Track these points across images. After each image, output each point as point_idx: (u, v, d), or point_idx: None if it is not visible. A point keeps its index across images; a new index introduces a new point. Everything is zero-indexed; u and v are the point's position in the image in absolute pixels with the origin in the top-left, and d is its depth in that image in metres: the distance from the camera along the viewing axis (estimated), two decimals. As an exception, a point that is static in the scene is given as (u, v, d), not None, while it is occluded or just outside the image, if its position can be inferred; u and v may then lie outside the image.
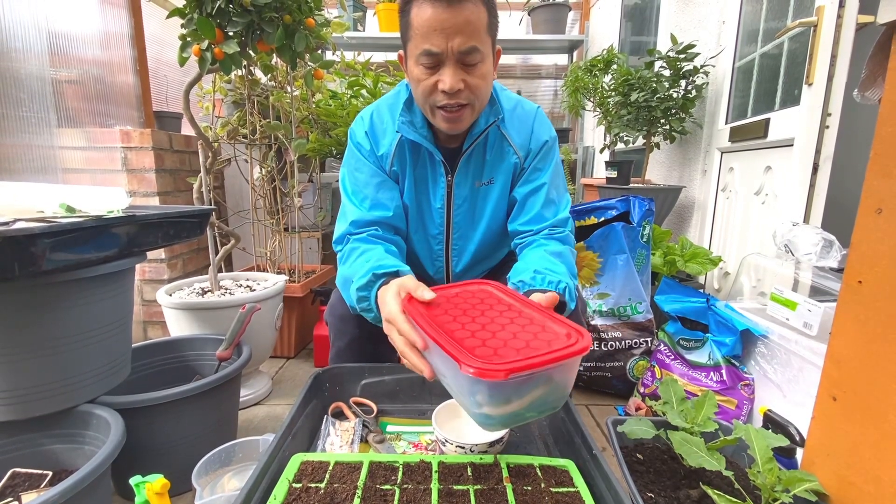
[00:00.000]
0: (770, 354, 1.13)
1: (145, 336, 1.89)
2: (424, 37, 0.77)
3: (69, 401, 0.91)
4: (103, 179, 1.76)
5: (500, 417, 0.50)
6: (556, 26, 2.73)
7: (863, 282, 0.62)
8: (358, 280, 0.78)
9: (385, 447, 0.74)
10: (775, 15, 1.58)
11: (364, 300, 0.78)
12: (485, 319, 0.57)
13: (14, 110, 1.48)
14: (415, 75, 0.82)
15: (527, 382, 0.48)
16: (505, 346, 0.51)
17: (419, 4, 0.76)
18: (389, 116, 0.95)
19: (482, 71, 0.81)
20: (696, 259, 1.62)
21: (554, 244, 0.90)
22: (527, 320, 0.57)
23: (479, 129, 0.91)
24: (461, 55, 0.77)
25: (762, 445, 0.64)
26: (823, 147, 1.32)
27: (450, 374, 0.54)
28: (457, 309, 0.60)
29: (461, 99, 0.81)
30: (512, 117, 0.96)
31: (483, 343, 0.51)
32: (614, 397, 1.55)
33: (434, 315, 0.58)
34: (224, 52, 1.29)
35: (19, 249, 0.70)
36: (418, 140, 0.90)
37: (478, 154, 0.95)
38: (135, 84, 2.05)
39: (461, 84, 0.79)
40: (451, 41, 0.76)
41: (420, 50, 0.78)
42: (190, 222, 1.08)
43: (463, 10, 0.74)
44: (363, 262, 0.81)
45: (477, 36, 0.77)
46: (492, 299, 0.64)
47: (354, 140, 0.97)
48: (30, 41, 1.53)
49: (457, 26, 0.75)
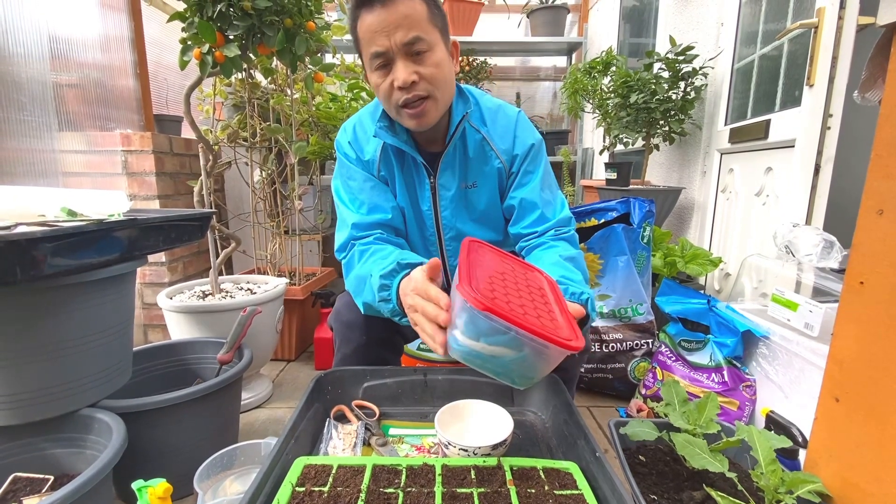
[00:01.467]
0: (772, 355, 1.13)
1: (146, 339, 1.89)
2: (370, 42, 0.81)
3: (71, 405, 0.91)
4: (104, 183, 1.76)
5: (462, 347, 0.54)
6: (555, 28, 2.74)
7: (864, 283, 0.62)
8: (381, 269, 0.78)
9: (388, 450, 0.74)
10: (774, 17, 1.59)
11: (385, 289, 0.77)
12: (518, 289, 0.59)
13: (15, 114, 1.49)
14: (374, 82, 0.85)
15: (497, 331, 0.50)
16: (512, 303, 0.53)
17: (361, 18, 0.82)
18: (371, 124, 0.97)
19: (433, 60, 0.83)
20: (697, 260, 1.62)
21: (564, 246, 0.90)
22: (547, 305, 0.59)
23: (453, 124, 0.92)
24: (406, 47, 0.80)
25: (765, 447, 0.64)
26: (825, 148, 1.32)
27: (455, 308, 0.56)
28: (506, 281, 0.62)
29: (419, 91, 0.83)
30: (494, 122, 0.97)
31: (505, 295, 0.55)
32: (616, 399, 1.55)
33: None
34: (225, 56, 1.29)
35: (21, 253, 0.70)
36: (397, 144, 0.92)
37: (460, 154, 0.96)
38: (135, 88, 2.05)
39: (414, 76, 0.81)
40: (393, 36, 0.79)
41: (370, 54, 0.82)
42: (191, 225, 1.08)
43: (397, 8, 0.78)
44: (383, 257, 0.82)
45: (418, 26, 0.80)
46: (537, 284, 0.65)
47: (341, 151, 0.99)
48: (31, 45, 1.54)
49: (395, 22, 0.79)
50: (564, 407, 0.77)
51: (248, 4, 1.25)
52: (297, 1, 1.34)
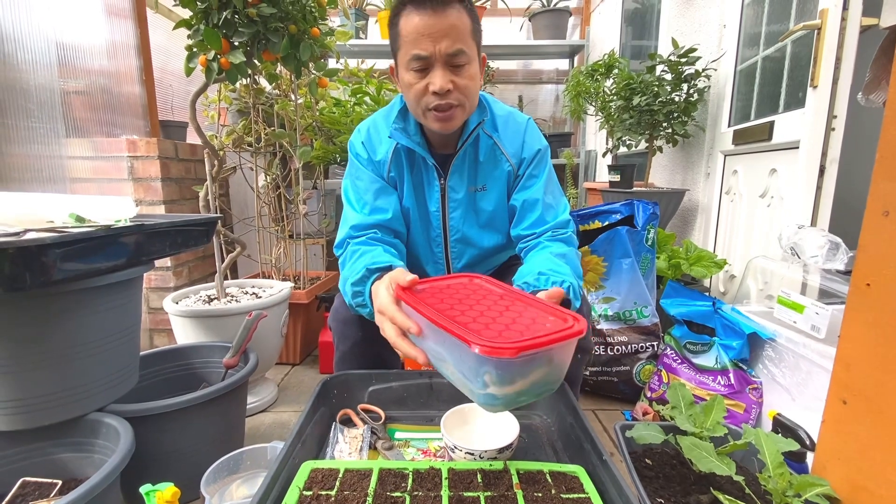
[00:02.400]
0: (778, 358, 1.12)
1: (152, 344, 1.89)
2: (413, 42, 0.82)
3: (79, 409, 0.92)
4: (110, 188, 1.78)
5: (504, 397, 0.51)
6: (557, 32, 2.75)
7: (871, 284, 0.62)
8: (353, 276, 0.81)
9: (394, 454, 0.74)
10: (777, 18, 1.59)
11: (359, 295, 0.81)
12: (482, 307, 0.58)
13: (24, 121, 1.50)
14: (406, 81, 0.87)
15: (531, 361, 0.49)
16: (507, 328, 0.52)
17: (407, 14, 0.82)
18: (385, 126, 0.99)
19: (469, 72, 0.86)
20: (701, 262, 1.61)
21: (558, 245, 0.92)
22: (522, 307, 0.58)
23: (468, 131, 0.95)
24: (449, 57, 0.83)
25: (772, 450, 0.64)
26: (830, 149, 1.32)
27: (453, 357, 0.54)
28: (452, 298, 0.61)
29: (451, 99, 0.85)
30: (505, 127, 1.00)
31: (486, 326, 0.52)
32: (621, 402, 1.55)
33: (432, 303, 0.59)
34: (230, 63, 1.30)
35: (31, 260, 0.71)
36: (411, 145, 0.95)
37: (470, 158, 0.99)
38: (141, 94, 2.07)
39: (450, 84, 0.84)
40: (439, 44, 0.81)
41: (410, 55, 0.83)
42: (197, 230, 1.09)
43: (448, 17, 0.81)
44: (361, 263, 0.84)
45: (462, 39, 0.83)
46: (483, 290, 0.65)
47: (353, 151, 1.02)
48: (39, 53, 1.55)
49: (443, 30, 0.81)
50: (570, 410, 0.77)
51: (253, 12, 1.26)
52: (301, 7, 1.35)
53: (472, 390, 0.53)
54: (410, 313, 0.61)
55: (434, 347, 0.58)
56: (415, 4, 0.81)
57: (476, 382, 0.51)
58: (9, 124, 1.45)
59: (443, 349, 0.56)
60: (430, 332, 0.57)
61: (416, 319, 0.59)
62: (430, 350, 0.59)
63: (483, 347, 0.46)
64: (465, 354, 0.49)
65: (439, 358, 0.58)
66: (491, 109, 0.99)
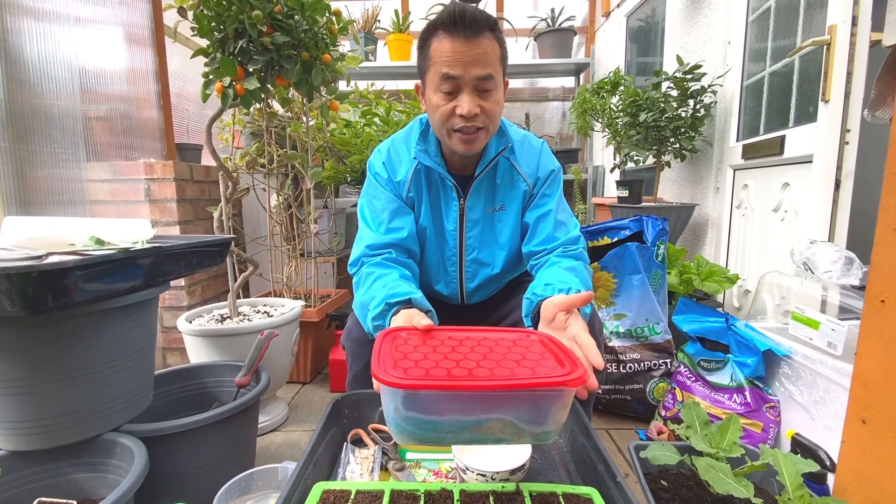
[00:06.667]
0: (795, 375, 1.10)
1: (164, 363, 1.91)
2: (444, 64, 0.85)
3: (95, 429, 0.93)
4: (127, 210, 1.82)
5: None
6: (562, 50, 2.79)
7: (885, 301, 0.61)
8: (374, 309, 0.81)
9: (405, 475, 0.74)
10: (783, 34, 1.60)
11: (380, 329, 0.80)
12: (477, 355, 0.57)
13: (47, 146, 1.56)
14: (434, 102, 0.89)
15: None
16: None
17: (439, 38, 0.85)
18: (405, 148, 1.03)
19: (496, 97, 0.89)
20: (713, 277, 1.59)
21: (568, 261, 0.93)
22: (521, 353, 0.58)
23: (489, 156, 0.98)
24: (478, 82, 0.85)
25: (791, 471, 0.62)
26: (844, 163, 1.31)
27: (504, 413, 0.51)
28: (453, 341, 0.61)
29: (477, 122, 0.88)
30: (521, 149, 1.03)
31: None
32: (634, 420, 1.52)
33: (430, 346, 0.60)
34: (245, 89, 1.35)
35: (53, 282, 0.73)
36: (432, 166, 0.98)
37: (489, 181, 1.02)
38: (158, 118, 2.13)
39: (478, 108, 0.87)
40: (469, 69, 0.84)
41: (440, 78, 0.86)
42: (211, 251, 1.11)
43: (480, 44, 0.83)
44: (378, 289, 0.84)
45: (492, 65, 0.85)
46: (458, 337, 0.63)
47: (373, 170, 1.04)
48: (63, 80, 1.62)
49: (474, 56, 0.83)
50: (582, 430, 0.76)
51: (267, 41, 1.30)
52: (313, 35, 1.40)
53: (532, 433, 0.51)
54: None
55: (461, 419, 0.51)
56: (447, 30, 0.84)
57: (547, 422, 0.51)
58: (33, 150, 1.51)
59: (482, 412, 0.50)
60: (469, 402, 0.51)
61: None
62: (447, 425, 0.51)
63: (573, 381, 0.48)
64: (526, 402, 0.49)
65: (463, 427, 0.51)
66: (508, 134, 1.02)
